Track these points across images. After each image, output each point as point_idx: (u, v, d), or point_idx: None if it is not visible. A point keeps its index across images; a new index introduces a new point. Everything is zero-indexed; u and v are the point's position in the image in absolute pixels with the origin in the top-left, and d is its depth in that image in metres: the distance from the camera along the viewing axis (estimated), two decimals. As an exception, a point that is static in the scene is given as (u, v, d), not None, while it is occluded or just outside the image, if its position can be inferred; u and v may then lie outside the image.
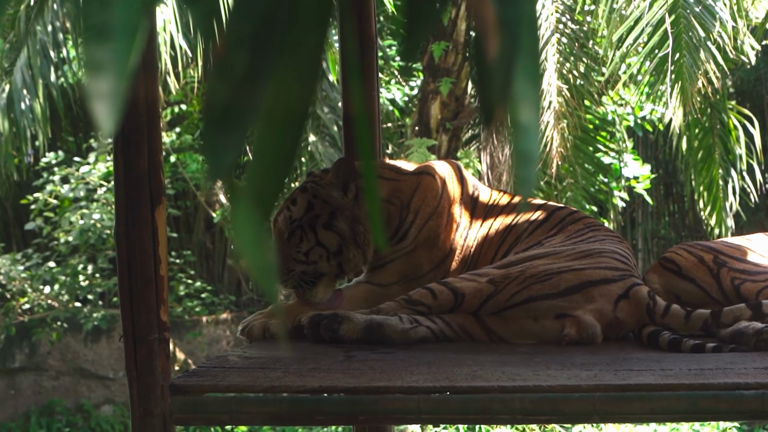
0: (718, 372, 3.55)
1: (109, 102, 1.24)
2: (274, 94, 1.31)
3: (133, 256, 3.75)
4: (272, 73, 1.30)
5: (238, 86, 1.30)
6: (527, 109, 1.35)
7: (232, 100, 1.30)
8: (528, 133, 1.35)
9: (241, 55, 1.31)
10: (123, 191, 3.76)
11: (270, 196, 1.33)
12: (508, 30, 1.35)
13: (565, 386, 3.46)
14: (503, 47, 1.34)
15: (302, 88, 1.32)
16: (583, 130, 11.54)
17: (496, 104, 1.36)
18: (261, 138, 1.31)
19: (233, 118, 1.30)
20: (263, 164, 1.32)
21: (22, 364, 15.33)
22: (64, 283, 14.68)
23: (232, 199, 1.32)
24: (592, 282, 4.22)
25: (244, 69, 1.31)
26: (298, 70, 1.32)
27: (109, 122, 1.24)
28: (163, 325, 3.76)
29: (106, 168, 14.14)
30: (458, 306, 4.27)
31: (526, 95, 1.35)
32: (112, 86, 1.24)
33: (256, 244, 1.32)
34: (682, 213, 17.04)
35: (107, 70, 1.25)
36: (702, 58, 9.70)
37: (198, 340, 15.35)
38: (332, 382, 3.60)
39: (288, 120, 1.32)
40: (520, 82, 1.35)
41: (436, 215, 4.77)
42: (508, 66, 1.34)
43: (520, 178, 1.39)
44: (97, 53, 1.24)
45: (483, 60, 1.35)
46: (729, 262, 4.47)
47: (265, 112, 1.30)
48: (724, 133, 11.92)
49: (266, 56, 1.31)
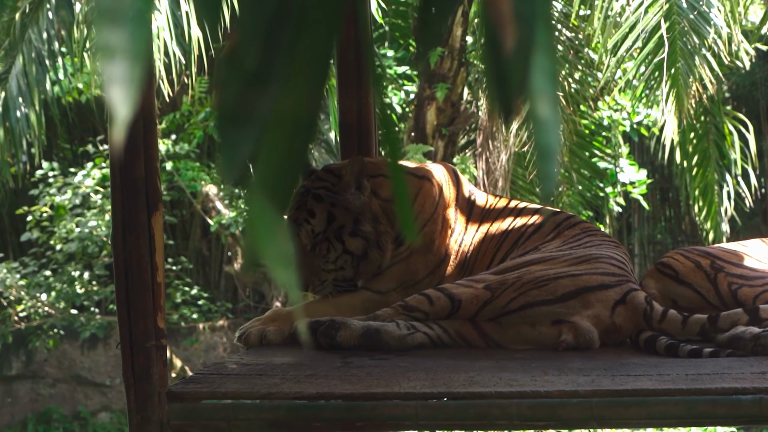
0: (716, 377, 3.55)
1: (125, 87, 1.24)
2: (284, 94, 1.31)
3: (130, 263, 3.74)
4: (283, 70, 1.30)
5: (249, 81, 1.30)
6: (546, 103, 1.34)
7: (245, 95, 1.30)
8: (548, 127, 1.35)
9: (253, 48, 1.31)
10: (120, 198, 3.75)
11: (284, 189, 1.33)
12: (525, 24, 1.34)
13: (562, 392, 3.46)
14: (520, 42, 1.33)
15: (312, 88, 1.33)
16: (579, 136, 11.55)
17: (514, 99, 1.36)
18: (272, 136, 1.31)
19: (246, 114, 1.30)
20: (275, 160, 1.31)
21: (18, 372, 15.31)
22: (60, 290, 14.66)
23: (247, 193, 1.32)
24: (589, 288, 4.21)
25: (256, 63, 1.31)
26: (309, 69, 1.32)
27: (125, 107, 1.24)
28: (160, 332, 3.76)
29: (101, 174, 14.13)
30: (455, 312, 4.27)
31: (544, 89, 1.34)
32: (127, 71, 1.24)
33: (273, 236, 1.31)
34: (678, 218, 17.05)
35: (121, 54, 1.24)
36: (697, 64, 9.71)
37: (195, 347, 15.34)
38: (330, 388, 3.60)
39: (298, 119, 1.32)
40: (537, 76, 1.34)
41: (431, 221, 4.77)
42: (526, 60, 1.34)
43: (542, 172, 1.38)
44: (111, 38, 1.24)
45: (500, 55, 1.34)
46: (726, 267, 4.47)
47: (276, 112, 1.30)
48: (719, 137, 11.93)
49: (278, 51, 1.31)
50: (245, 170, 1.31)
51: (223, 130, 1.31)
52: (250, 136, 1.30)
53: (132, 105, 1.24)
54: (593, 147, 12.35)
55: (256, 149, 1.30)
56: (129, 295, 3.74)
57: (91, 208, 14.21)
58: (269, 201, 1.31)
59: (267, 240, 1.31)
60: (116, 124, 1.26)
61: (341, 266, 4.68)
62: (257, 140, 1.30)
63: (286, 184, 1.33)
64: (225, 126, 1.31)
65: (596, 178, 12.31)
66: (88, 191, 14.20)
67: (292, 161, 1.33)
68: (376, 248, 4.67)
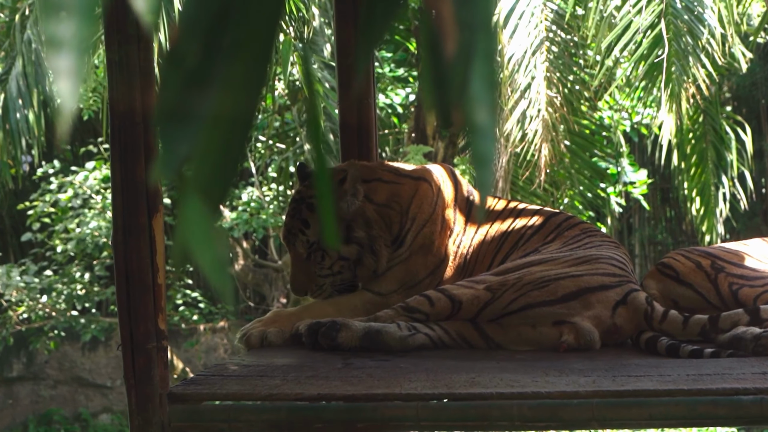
0: (717, 377, 3.55)
1: (71, 79, 1.24)
2: (223, 93, 1.31)
3: (131, 264, 3.75)
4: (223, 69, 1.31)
5: (189, 79, 1.31)
6: (483, 111, 1.34)
7: (184, 94, 1.31)
8: (485, 135, 1.35)
9: (194, 46, 1.32)
10: (120, 200, 3.76)
11: (219, 189, 1.33)
12: (465, 31, 1.34)
13: (563, 393, 3.46)
14: (460, 48, 1.34)
15: (251, 89, 1.33)
16: (580, 136, 11.55)
17: (453, 106, 1.36)
18: (209, 136, 1.31)
19: (185, 112, 1.31)
20: (211, 160, 1.32)
21: (19, 374, 15.32)
22: (61, 292, 14.66)
23: (181, 192, 1.32)
24: (589, 288, 4.21)
25: (196, 60, 1.31)
26: (248, 69, 1.32)
27: (71, 99, 1.25)
28: (161, 334, 3.76)
29: (102, 175, 14.13)
30: (455, 313, 4.27)
31: (482, 97, 1.34)
32: (72, 63, 1.24)
33: (206, 237, 1.31)
34: (678, 218, 17.05)
35: (67, 46, 1.25)
36: (691, 65, 9.72)
37: (195, 349, 15.35)
38: (331, 389, 3.60)
39: (236, 120, 1.32)
40: (476, 84, 1.35)
41: (430, 222, 4.78)
42: (465, 68, 1.34)
43: (478, 180, 1.39)
44: (57, 30, 1.25)
45: (440, 61, 1.35)
46: (727, 267, 4.47)
47: (214, 111, 1.31)
48: (716, 139, 11.94)
49: (218, 50, 1.32)
50: (182, 169, 1.31)
51: (162, 128, 1.31)
52: (189, 134, 1.30)
53: (77, 96, 1.25)
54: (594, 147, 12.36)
55: (194, 148, 1.31)
56: (130, 296, 3.75)
57: (91, 209, 14.21)
58: (204, 201, 1.32)
59: (200, 242, 1.31)
60: (63, 116, 1.27)
61: (338, 271, 4.72)
62: (195, 139, 1.31)
63: (222, 184, 1.34)
64: (163, 124, 1.31)
65: (597, 179, 12.31)
66: (89, 192, 14.20)
67: (228, 161, 1.33)
68: (369, 253, 4.69)
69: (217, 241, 1.32)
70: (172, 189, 8.06)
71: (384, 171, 4.87)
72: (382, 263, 4.71)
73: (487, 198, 1.67)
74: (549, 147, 10.48)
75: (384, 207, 4.74)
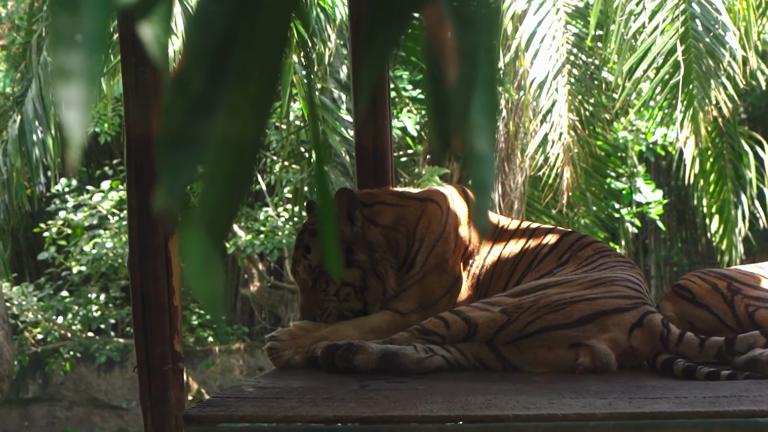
0: (734, 399, 3.53)
1: (80, 110, 1.24)
2: (228, 120, 1.31)
3: (147, 286, 3.75)
4: (227, 98, 1.31)
5: (193, 106, 1.31)
6: (483, 138, 1.35)
7: (188, 121, 1.31)
8: (484, 162, 1.36)
9: (198, 73, 1.32)
10: (136, 221, 3.77)
11: (222, 223, 1.33)
12: (467, 59, 1.35)
13: (580, 414, 3.45)
14: (461, 76, 1.34)
15: (257, 116, 1.33)
16: (595, 157, 11.54)
17: (453, 133, 1.37)
18: (214, 165, 1.31)
19: (189, 140, 1.31)
20: (216, 191, 1.32)
21: (35, 395, 15.33)
22: (76, 313, 14.68)
23: (183, 222, 1.32)
24: (605, 312, 4.21)
25: (200, 87, 1.31)
26: (254, 96, 1.32)
27: (79, 130, 1.25)
28: (177, 356, 3.76)
29: (118, 196, 14.16)
30: (471, 336, 4.26)
31: (483, 125, 1.35)
32: (82, 94, 1.25)
33: (204, 270, 1.31)
34: (694, 239, 17.00)
35: (77, 77, 1.25)
36: (712, 86, 9.70)
37: (211, 370, 15.34)
38: (346, 411, 3.60)
39: (241, 148, 1.32)
40: (477, 112, 1.35)
41: (442, 241, 4.78)
42: (466, 96, 1.35)
43: (477, 207, 1.39)
44: (67, 61, 1.25)
45: (441, 88, 1.35)
46: (743, 289, 4.46)
47: (219, 139, 1.31)
48: (734, 157, 11.91)
49: (223, 76, 1.32)
50: (185, 197, 1.31)
51: (164, 154, 1.31)
52: (192, 161, 1.30)
53: (85, 127, 1.25)
54: (608, 167, 12.34)
55: (197, 175, 1.31)
56: (146, 318, 3.75)
57: (107, 230, 14.23)
58: (205, 231, 1.31)
59: (198, 275, 1.31)
60: (72, 147, 1.27)
61: (345, 299, 4.71)
62: (198, 167, 1.30)
63: (225, 214, 1.33)
64: (166, 151, 1.31)
65: (612, 199, 12.29)
66: (105, 214, 14.22)
67: (233, 189, 1.33)
68: (374, 276, 4.69)
69: (213, 274, 1.32)
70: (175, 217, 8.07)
71: (388, 195, 4.89)
72: (391, 285, 4.71)
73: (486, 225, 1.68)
74: (571, 170, 10.48)
75: (389, 229, 4.76)
